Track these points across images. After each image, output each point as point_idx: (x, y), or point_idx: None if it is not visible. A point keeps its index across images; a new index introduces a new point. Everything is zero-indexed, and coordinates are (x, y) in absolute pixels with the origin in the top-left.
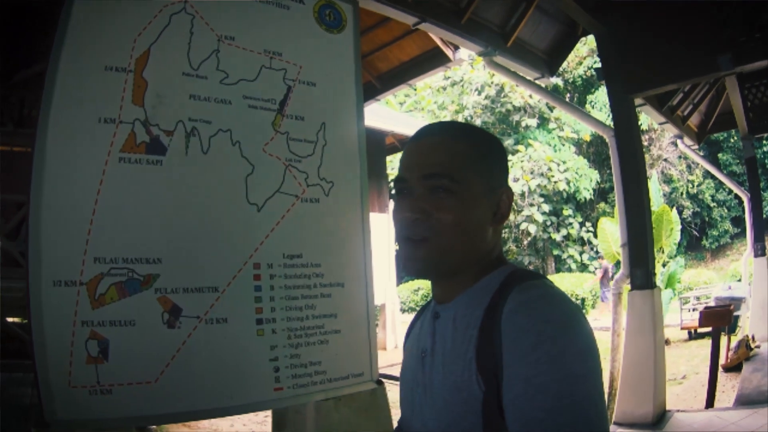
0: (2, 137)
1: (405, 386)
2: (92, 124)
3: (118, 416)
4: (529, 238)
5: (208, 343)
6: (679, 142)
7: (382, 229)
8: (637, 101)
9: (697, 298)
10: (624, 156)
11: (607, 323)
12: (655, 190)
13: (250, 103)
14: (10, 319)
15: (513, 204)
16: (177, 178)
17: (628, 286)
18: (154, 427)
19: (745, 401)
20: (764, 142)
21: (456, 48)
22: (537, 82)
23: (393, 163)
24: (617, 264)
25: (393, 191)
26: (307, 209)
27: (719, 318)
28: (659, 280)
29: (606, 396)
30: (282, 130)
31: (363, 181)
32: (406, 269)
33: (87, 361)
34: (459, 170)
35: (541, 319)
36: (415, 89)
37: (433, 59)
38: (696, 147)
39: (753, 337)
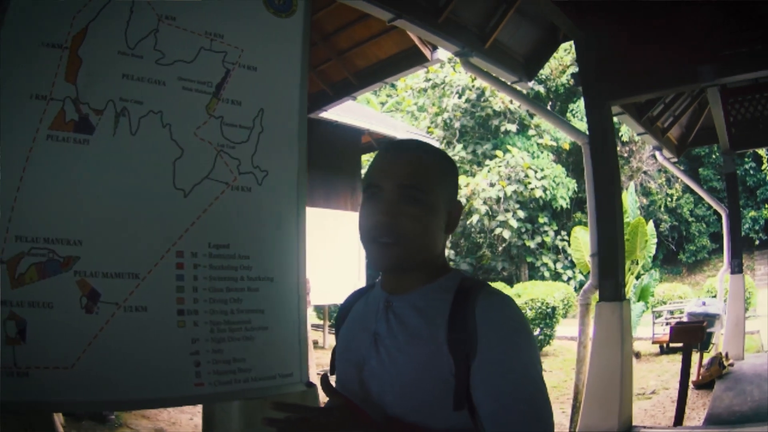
0: None
1: (346, 363)
2: (24, 100)
3: (34, 400)
4: (504, 245)
5: (126, 331)
6: (657, 153)
7: (354, 227)
8: (616, 110)
9: (671, 312)
10: (597, 163)
11: (574, 333)
12: (632, 201)
13: (185, 85)
14: None
15: (488, 209)
16: (103, 159)
17: (597, 297)
18: (113, 416)
19: (715, 420)
20: (746, 159)
21: (434, 48)
22: (514, 86)
23: (369, 162)
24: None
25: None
26: (238, 198)
27: (691, 335)
28: (632, 292)
29: (570, 407)
30: (216, 114)
31: (301, 172)
32: (376, 266)
33: (6, 341)
34: (429, 184)
35: (508, 316)
36: (397, 90)
37: (411, 58)
38: (675, 160)
39: (726, 355)
